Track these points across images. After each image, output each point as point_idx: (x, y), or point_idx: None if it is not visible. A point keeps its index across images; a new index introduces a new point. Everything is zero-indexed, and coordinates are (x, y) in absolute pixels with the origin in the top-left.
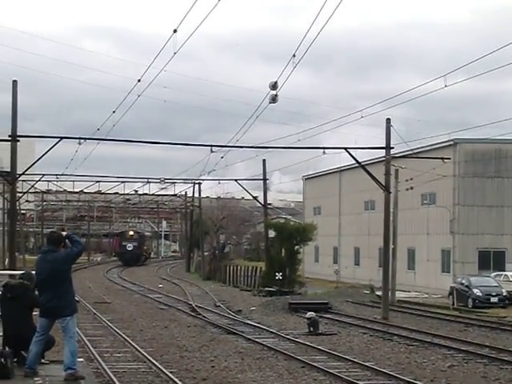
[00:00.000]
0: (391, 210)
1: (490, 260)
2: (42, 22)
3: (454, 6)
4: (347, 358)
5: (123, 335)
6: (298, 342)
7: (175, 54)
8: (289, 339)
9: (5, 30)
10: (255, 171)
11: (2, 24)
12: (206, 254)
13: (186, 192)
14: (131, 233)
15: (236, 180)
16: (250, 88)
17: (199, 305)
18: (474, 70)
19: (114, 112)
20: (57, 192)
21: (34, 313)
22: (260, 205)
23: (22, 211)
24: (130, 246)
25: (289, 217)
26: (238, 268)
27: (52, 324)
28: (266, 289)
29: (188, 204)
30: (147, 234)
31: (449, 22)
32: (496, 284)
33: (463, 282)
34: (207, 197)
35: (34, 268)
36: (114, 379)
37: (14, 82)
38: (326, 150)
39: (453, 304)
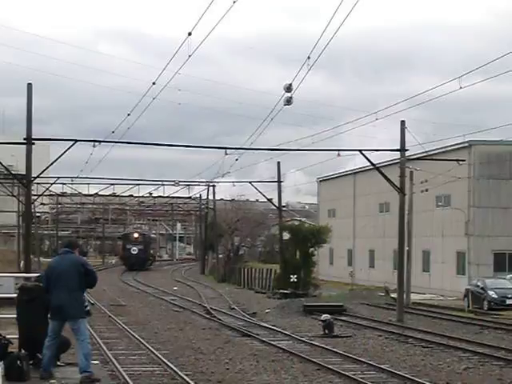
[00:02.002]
0: (406, 212)
1: (506, 262)
2: (58, 26)
3: (470, 7)
4: (362, 360)
5: (138, 337)
6: (312, 344)
7: (190, 56)
8: (304, 341)
9: (20, 33)
10: (271, 173)
11: (18, 28)
12: (220, 256)
13: (200, 194)
14: (136, 235)
15: (250, 182)
16: (264, 90)
17: (214, 307)
18: (490, 71)
19: (128, 115)
20: (72, 195)
21: (49, 315)
22: (274, 207)
23: (37, 214)
24: (134, 250)
25: (303, 219)
26: (253, 270)
27: (62, 327)
28: (281, 291)
29: (202, 206)
30: (153, 235)
31: (465, 23)
32: (511, 286)
33: (478, 284)
34: (222, 199)
35: (47, 267)
36: (130, 382)
37: (29, 85)
38: (340, 152)
39: (468, 306)
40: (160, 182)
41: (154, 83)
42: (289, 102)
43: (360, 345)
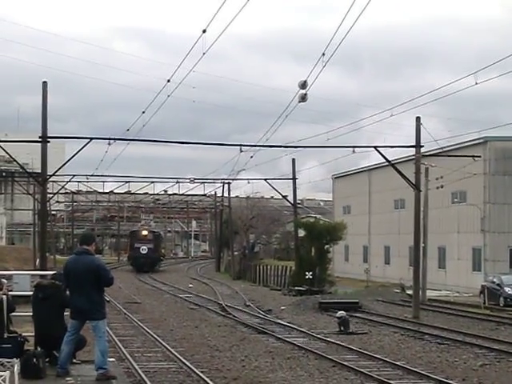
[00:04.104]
0: (421, 208)
1: None
2: (73, 24)
3: (484, 2)
4: (378, 357)
5: (154, 335)
6: (328, 341)
7: (204, 54)
8: (319, 338)
9: (35, 32)
10: (286, 170)
11: (33, 26)
12: (235, 253)
13: (215, 192)
14: (145, 233)
15: (265, 179)
16: (280, 87)
17: (229, 304)
18: (506, 67)
19: (143, 112)
20: (87, 192)
21: (65, 313)
22: (289, 204)
23: (53, 212)
24: (144, 249)
25: (318, 216)
26: (268, 267)
27: (82, 324)
28: (296, 288)
29: (218, 204)
30: (162, 232)
31: (479, 18)
32: None
33: (494, 280)
34: (237, 196)
35: (63, 268)
36: (146, 379)
37: (44, 83)
38: (356, 149)
39: (484, 302)
40: (175, 180)
41: (168, 81)
42: (304, 98)
43: (376, 341)
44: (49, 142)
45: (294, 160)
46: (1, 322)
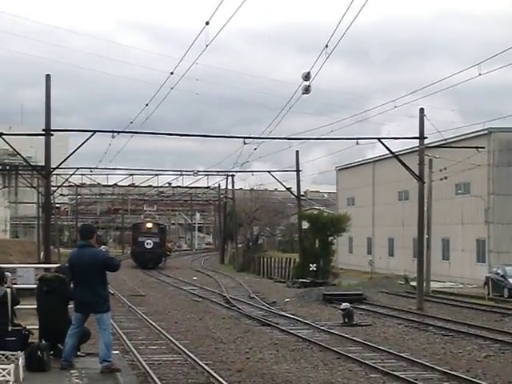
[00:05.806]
0: (425, 200)
1: None
2: (78, 18)
3: None
4: (382, 348)
5: (158, 327)
6: (332, 333)
7: (207, 46)
8: (323, 330)
9: (41, 25)
10: (290, 162)
11: (38, 20)
12: (239, 245)
13: (219, 184)
14: (149, 225)
15: (269, 171)
16: (283, 79)
17: (233, 296)
18: (510, 58)
19: (146, 105)
20: (91, 185)
21: (69, 306)
22: (293, 196)
23: (57, 205)
24: (149, 243)
25: (322, 208)
26: (272, 259)
27: (87, 317)
28: (300, 280)
29: (221, 196)
30: (167, 224)
31: (484, 10)
32: None
33: (498, 271)
34: (240, 188)
35: (68, 260)
36: (150, 371)
37: (47, 76)
38: (359, 141)
39: (488, 294)
40: (179, 172)
41: (171, 73)
42: (307, 90)
43: (380, 333)
44: (52, 135)
45: (297, 152)
46: (5, 315)
